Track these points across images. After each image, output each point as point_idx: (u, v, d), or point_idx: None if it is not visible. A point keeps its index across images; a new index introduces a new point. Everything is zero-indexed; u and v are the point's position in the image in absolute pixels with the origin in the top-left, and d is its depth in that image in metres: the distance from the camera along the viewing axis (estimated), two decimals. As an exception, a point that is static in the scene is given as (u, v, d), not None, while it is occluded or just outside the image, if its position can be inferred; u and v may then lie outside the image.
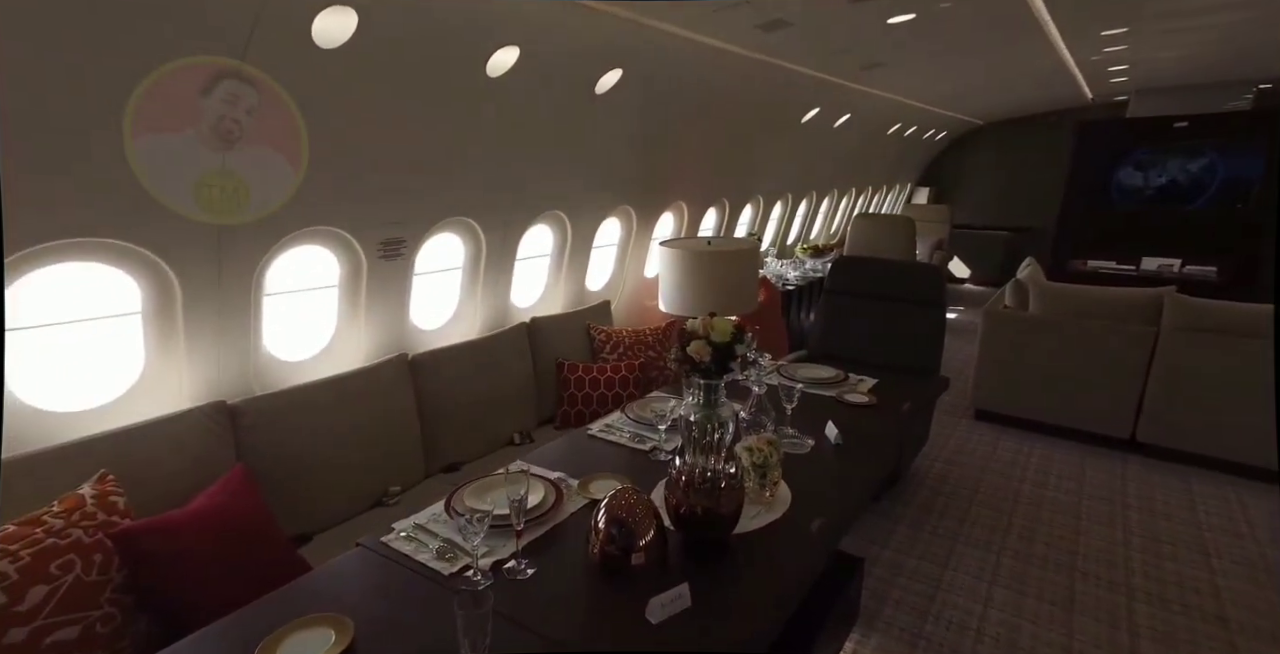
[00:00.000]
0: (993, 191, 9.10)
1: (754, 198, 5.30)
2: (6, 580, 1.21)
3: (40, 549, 1.28)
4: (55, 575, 1.27)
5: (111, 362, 1.88)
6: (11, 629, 1.19)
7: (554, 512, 1.63)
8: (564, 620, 1.28)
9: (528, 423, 2.86)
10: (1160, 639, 2.17)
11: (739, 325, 1.89)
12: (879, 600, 2.39)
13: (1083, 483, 3.32)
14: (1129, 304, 3.62)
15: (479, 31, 2.13)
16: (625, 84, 2.86)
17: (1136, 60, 4.90)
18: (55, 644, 1.24)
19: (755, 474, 1.73)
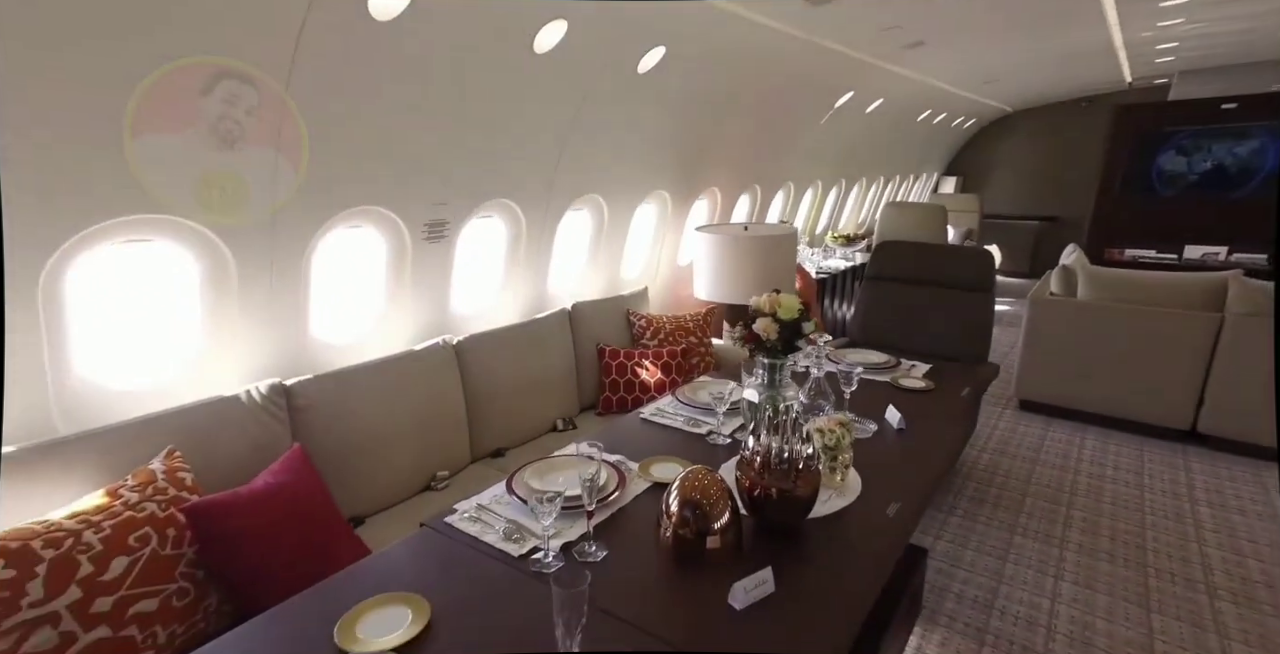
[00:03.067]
0: (1022, 180, 8.90)
1: (785, 185, 5.20)
2: (92, 550, 1.20)
3: (119, 521, 1.27)
4: (134, 548, 1.25)
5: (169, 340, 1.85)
6: (99, 598, 1.18)
7: (619, 495, 1.57)
8: (642, 605, 1.21)
9: (570, 409, 2.80)
10: (1256, 643, 2.05)
11: (805, 303, 1.82)
12: (939, 594, 2.31)
13: (1142, 475, 3.19)
14: (1190, 289, 3.48)
15: (528, 8, 2.07)
16: (667, 63, 2.78)
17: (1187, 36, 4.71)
18: (137, 615, 1.23)
19: (826, 457, 1.65)
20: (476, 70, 2.14)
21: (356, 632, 1.08)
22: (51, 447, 1.40)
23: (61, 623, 1.13)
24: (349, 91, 1.85)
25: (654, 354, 3.00)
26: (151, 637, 1.25)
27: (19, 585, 1.09)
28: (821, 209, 6.20)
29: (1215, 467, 3.25)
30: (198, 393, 1.75)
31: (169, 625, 1.28)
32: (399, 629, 1.09)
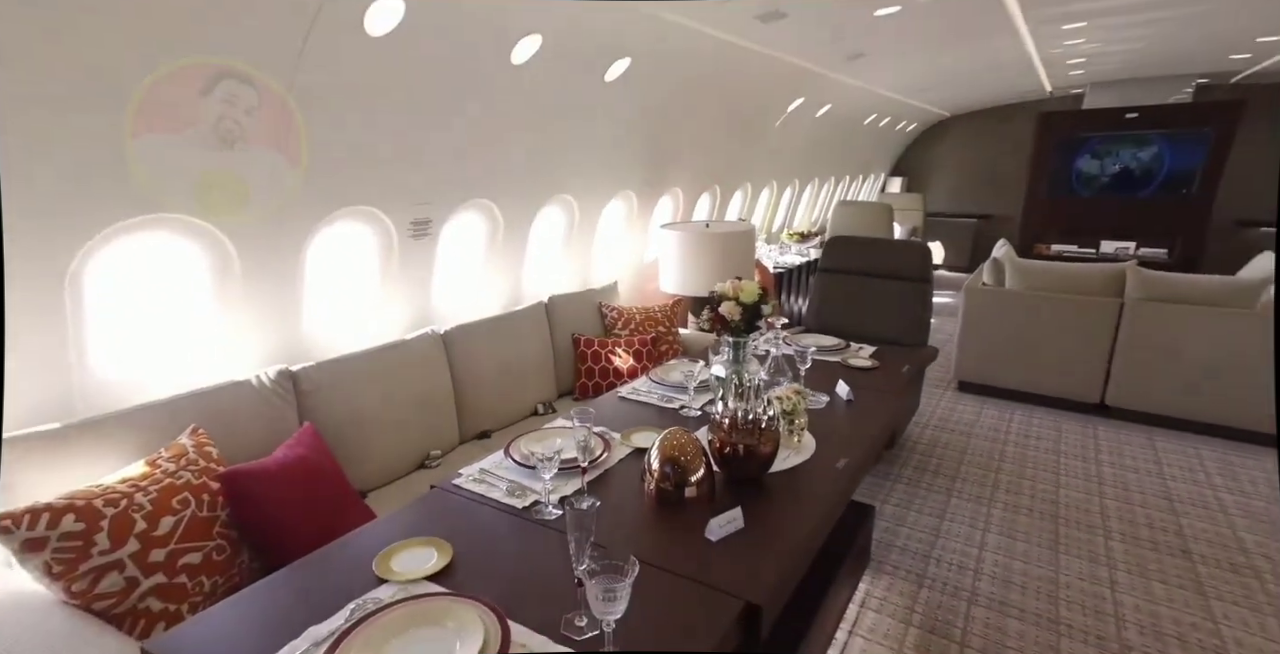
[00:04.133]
0: (961, 180, 9.48)
1: (743, 185, 5.49)
2: (144, 510, 1.35)
3: (162, 487, 1.42)
4: (177, 509, 1.40)
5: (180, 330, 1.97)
6: (154, 549, 1.35)
7: (607, 457, 1.78)
8: (634, 540, 1.43)
9: (549, 394, 2.99)
10: (1136, 572, 2.42)
11: (763, 287, 2.08)
12: (886, 549, 2.60)
13: (1059, 443, 3.59)
14: (1096, 278, 3.92)
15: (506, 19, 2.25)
16: (632, 73, 3.00)
17: (1092, 54, 5.24)
18: (185, 566, 1.39)
19: (784, 421, 1.91)
20: (460, 80, 2.31)
21: (392, 566, 1.27)
22: (88, 424, 1.53)
23: (126, 569, 1.29)
24: (344, 98, 2.00)
25: (626, 343, 3.22)
26: (199, 585, 1.40)
27: (89, 536, 1.24)
28: (777, 208, 6.54)
29: (1118, 433, 3.68)
30: (208, 379, 1.88)
31: (211, 576, 1.44)
32: (428, 563, 1.28)
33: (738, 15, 2.89)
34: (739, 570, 1.32)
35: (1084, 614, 2.17)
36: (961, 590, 2.32)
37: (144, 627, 1.33)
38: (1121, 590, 2.29)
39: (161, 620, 1.34)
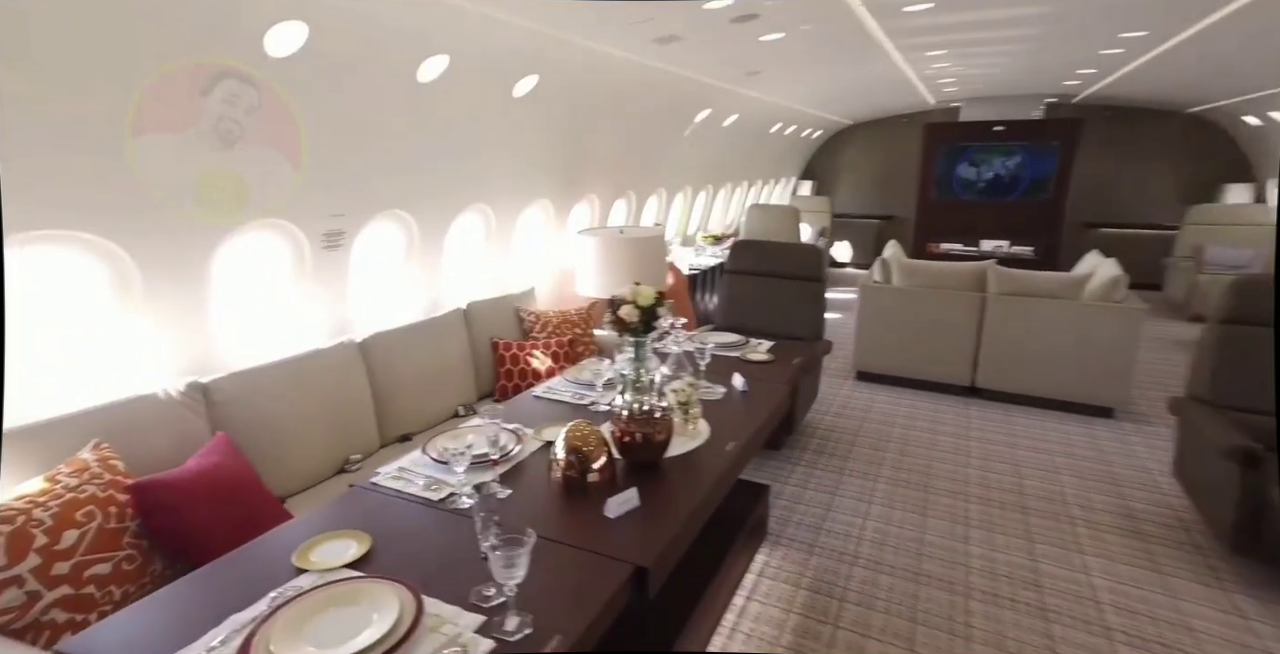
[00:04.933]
0: (864, 184, 10.17)
1: (657, 190, 5.75)
2: (44, 525, 1.38)
3: (64, 502, 1.45)
4: (82, 522, 1.44)
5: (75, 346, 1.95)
6: (58, 563, 1.38)
7: (519, 451, 1.94)
8: (538, 522, 1.58)
9: (469, 397, 3.10)
10: (984, 526, 2.83)
11: (660, 293, 2.29)
12: (783, 524, 2.89)
13: (937, 423, 4.04)
14: (964, 275, 4.42)
15: (412, 40, 2.36)
16: (541, 89, 3.16)
17: (959, 74, 5.86)
18: (93, 577, 1.43)
19: (680, 411, 2.13)
20: (367, 96, 2.39)
21: (311, 557, 1.38)
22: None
23: (26, 584, 1.33)
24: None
25: (544, 345, 3.37)
26: (108, 595, 1.45)
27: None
28: (692, 212, 6.85)
29: (986, 412, 4.18)
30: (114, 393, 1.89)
31: (122, 586, 1.48)
32: (347, 553, 1.40)
33: (639, 38, 3.10)
34: (631, 540, 1.52)
35: (941, 566, 2.53)
36: (845, 555, 2.63)
37: (49, 638, 1.36)
38: (972, 543, 2.68)
39: (68, 631, 1.38)
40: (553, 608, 1.25)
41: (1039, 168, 7.50)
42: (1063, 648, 2.07)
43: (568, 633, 1.18)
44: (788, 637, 2.14)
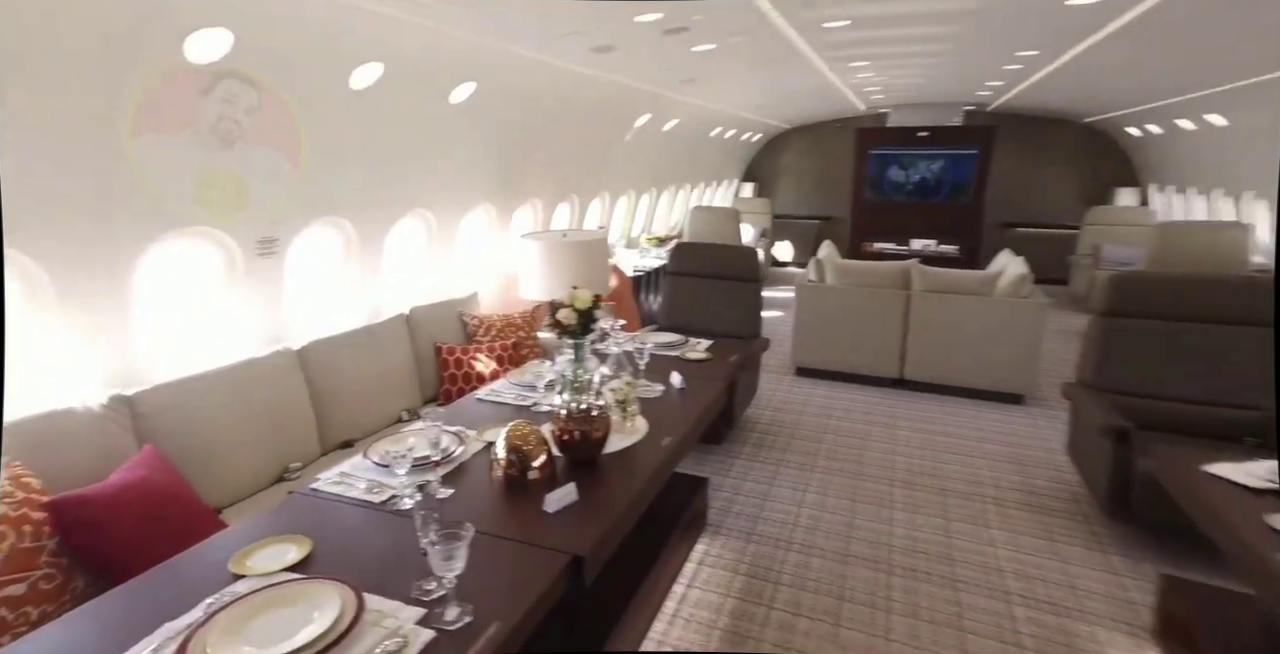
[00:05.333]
0: (803, 186, 10.54)
1: (600, 194, 5.83)
2: None
3: None
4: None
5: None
6: None
7: (461, 453, 1.99)
8: (480, 517, 1.64)
9: (413, 401, 3.11)
10: (907, 508, 3.05)
11: (596, 296, 2.38)
12: (723, 514, 3.02)
13: (870, 414, 4.28)
14: (890, 274, 4.69)
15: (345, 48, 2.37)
16: (479, 95, 3.20)
17: (883, 84, 6.21)
18: (6, 598, 1.40)
19: (619, 409, 2.22)
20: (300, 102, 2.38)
21: (249, 563, 1.40)
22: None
23: None
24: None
25: (488, 349, 3.41)
26: (24, 616, 1.43)
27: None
28: (635, 214, 6.97)
29: (914, 402, 4.46)
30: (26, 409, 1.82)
31: (39, 606, 1.46)
32: (286, 557, 1.42)
33: (574, 47, 3.18)
34: (568, 532, 1.60)
35: (867, 546, 2.71)
36: (781, 541, 2.78)
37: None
38: (896, 525, 2.88)
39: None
40: (492, 597, 1.32)
41: (960, 172, 8.02)
42: (969, 613, 2.27)
43: (506, 620, 1.25)
44: (725, 619, 2.27)
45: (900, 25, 3.73)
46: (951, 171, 8.05)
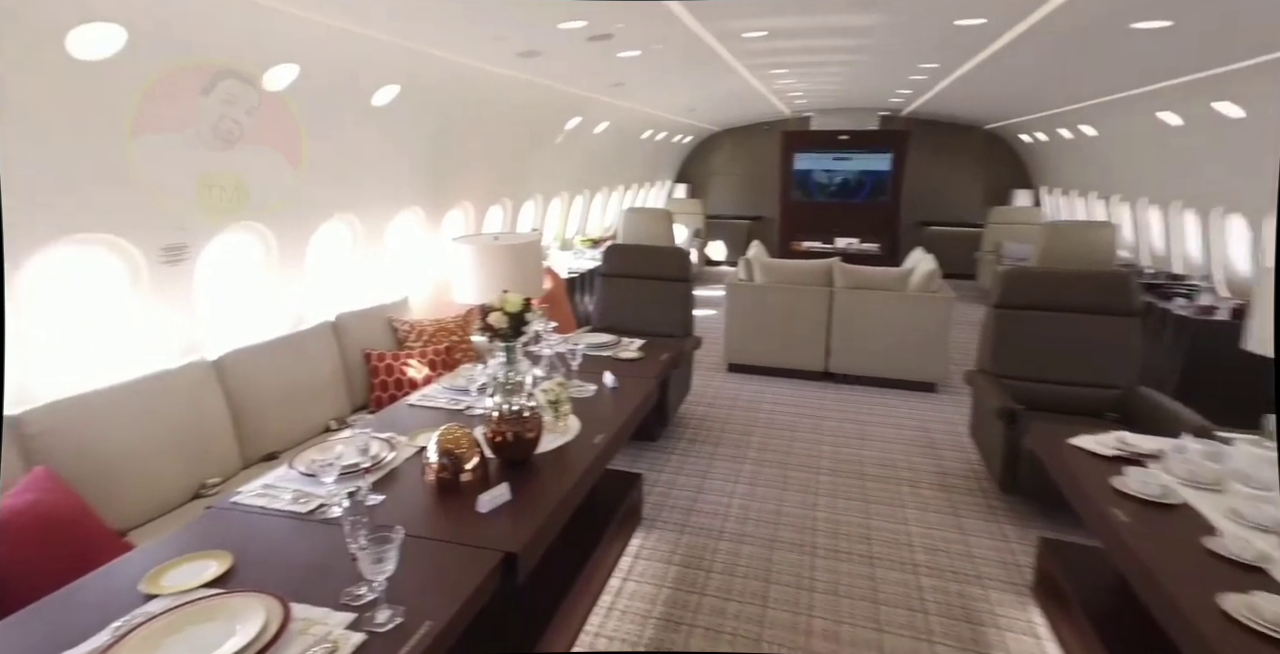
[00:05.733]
0: (734, 186, 10.83)
1: (533, 196, 5.83)
2: None
3: None
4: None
5: None
6: None
7: (392, 459, 1.98)
8: (411, 522, 1.65)
9: (342, 410, 3.04)
10: (830, 494, 3.24)
11: (527, 300, 2.41)
12: (658, 508, 3.11)
13: (798, 408, 4.48)
14: (814, 272, 4.94)
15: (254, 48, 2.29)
16: (404, 98, 3.15)
17: (805, 90, 6.52)
18: None
19: (551, 409, 2.27)
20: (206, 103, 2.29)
21: (163, 582, 1.36)
22: None
23: None
24: (84, 124, 1.91)
25: (419, 354, 3.36)
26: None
27: None
28: (569, 216, 6.99)
29: (838, 394, 4.71)
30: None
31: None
32: (205, 573, 1.38)
33: (500, 52, 3.19)
34: (501, 530, 1.63)
35: (794, 532, 2.87)
36: (713, 531, 2.90)
37: None
38: (819, 510, 3.06)
39: None
40: (424, 598, 1.34)
41: (879, 173, 8.52)
42: (882, 586, 2.46)
43: (438, 618, 1.28)
44: (659, 608, 2.35)
45: (813, 36, 3.94)
46: (871, 173, 8.54)
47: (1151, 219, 6.04)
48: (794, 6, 3.17)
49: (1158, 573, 1.46)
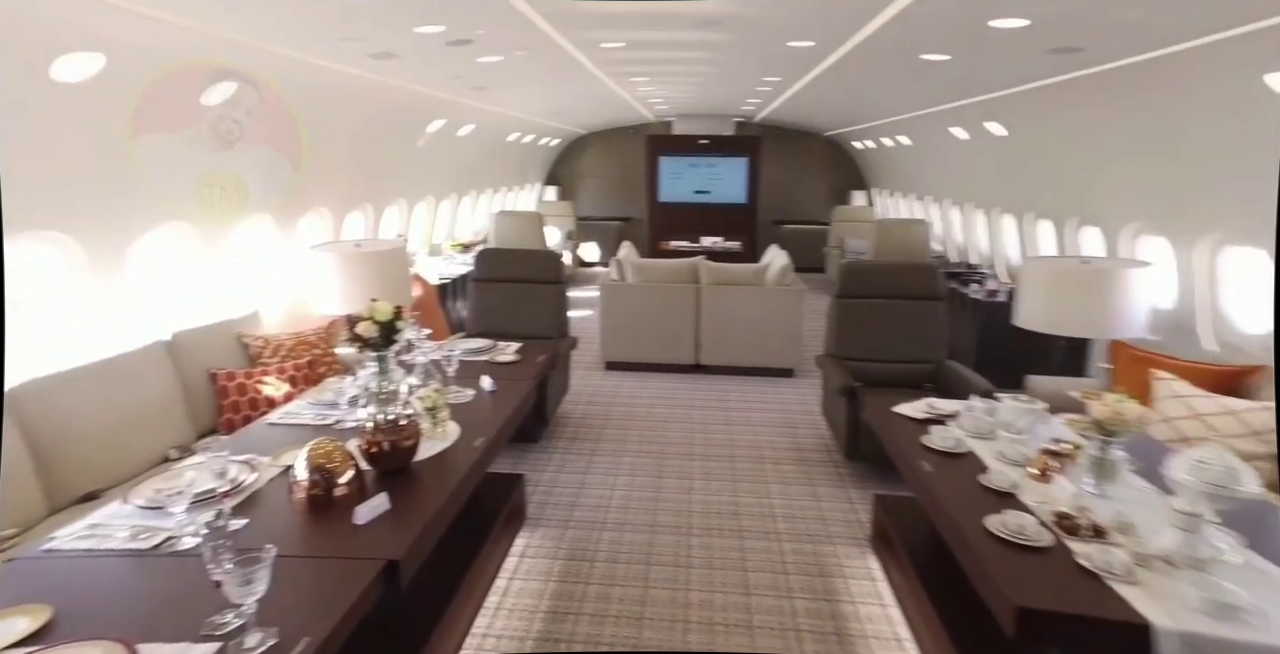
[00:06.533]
0: (605, 188, 11.06)
1: (397, 200, 5.59)
2: None
3: None
4: None
5: None
6: None
7: (254, 481, 1.88)
8: (282, 543, 1.57)
9: (184, 437, 2.76)
10: (703, 478, 3.49)
11: (398, 308, 2.38)
12: (541, 507, 3.18)
13: (673, 400, 4.73)
14: (681, 270, 5.24)
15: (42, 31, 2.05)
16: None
17: (665, 96, 6.88)
18: None
19: (429, 416, 2.26)
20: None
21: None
22: None
23: None
24: None
25: (278, 370, 3.15)
26: None
27: None
28: (437, 221, 6.77)
29: (709, 384, 5.03)
30: None
31: None
32: (13, 632, 1.21)
33: (354, 54, 3.07)
34: (381, 539, 1.63)
35: (672, 515, 3.08)
36: (596, 523, 3.02)
37: None
38: (694, 493, 3.30)
39: None
40: (300, 615, 1.32)
41: (736, 176, 9.19)
42: (749, 554, 2.73)
43: (316, 634, 1.27)
44: (546, 603, 2.43)
45: (667, 49, 4.20)
46: (729, 175, 9.18)
47: (953, 217, 7.09)
48: (646, 22, 3.37)
49: (946, 506, 1.80)
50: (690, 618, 2.34)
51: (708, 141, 9.04)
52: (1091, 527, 1.63)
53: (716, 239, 9.24)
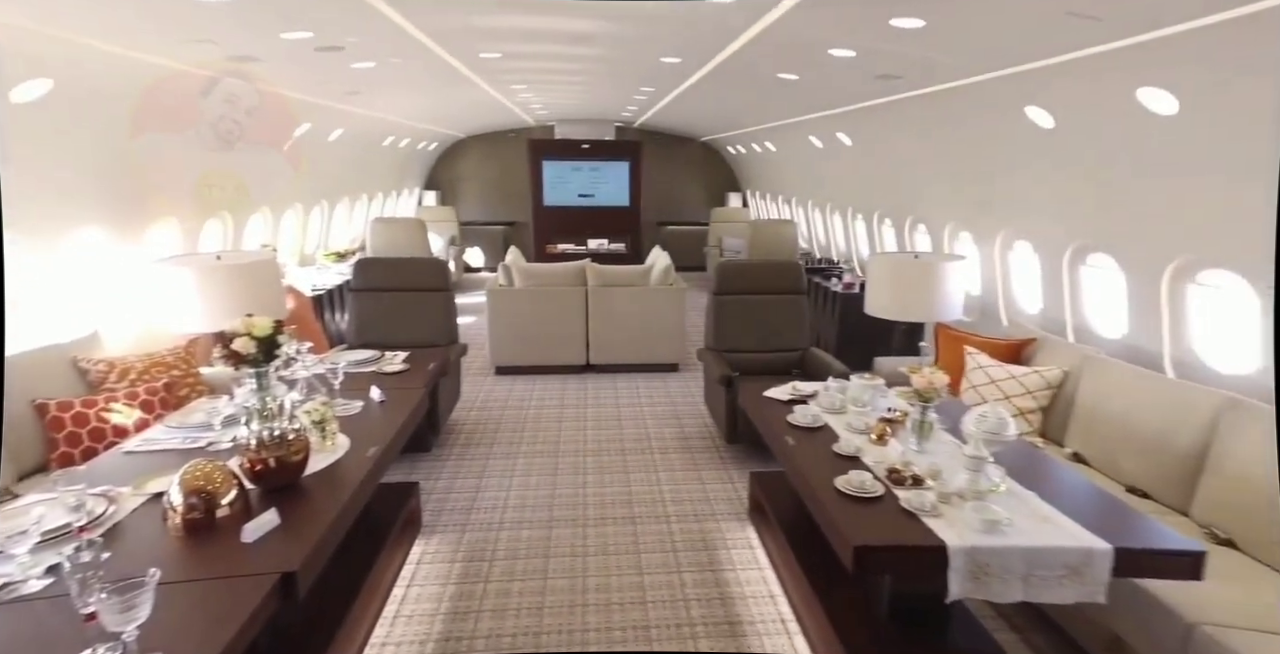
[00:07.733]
0: (488, 192, 10.92)
1: (260, 209, 5.23)
2: None
3: None
4: None
5: None
6: None
7: (111, 513, 1.77)
8: (160, 565, 1.51)
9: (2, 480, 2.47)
10: (597, 472, 3.66)
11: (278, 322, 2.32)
12: (437, 514, 3.18)
13: (565, 400, 4.85)
14: (569, 273, 5.38)
15: None
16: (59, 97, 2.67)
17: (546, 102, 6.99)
18: None
19: (317, 430, 2.23)
20: None
21: None
22: None
23: None
24: None
25: (127, 395, 2.90)
26: None
27: None
28: (307, 229, 6.39)
29: (599, 383, 5.21)
30: None
31: None
32: None
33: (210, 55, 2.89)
34: (273, 554, 1.63)
35: (567, 510, 3.21)
36: (493, 524, 3.09)
37: None
38: (588, 486, 3.46)
39: None
40: (189, 638, 1.31)
41: (619, 179, 9.48)
42: (643, 538, 2.94)
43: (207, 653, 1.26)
44: (446, 604, 2.48)
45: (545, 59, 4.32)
46: (612, 179, 9.45)
47: (815, 218, 7.83)
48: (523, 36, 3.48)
49: (805, 472, 2.11)
50: (588, 602, 2.49)
51: (589, 146, 9.25)
52: (912, 476, 1.99)
53: (602, 241, 9.45)
